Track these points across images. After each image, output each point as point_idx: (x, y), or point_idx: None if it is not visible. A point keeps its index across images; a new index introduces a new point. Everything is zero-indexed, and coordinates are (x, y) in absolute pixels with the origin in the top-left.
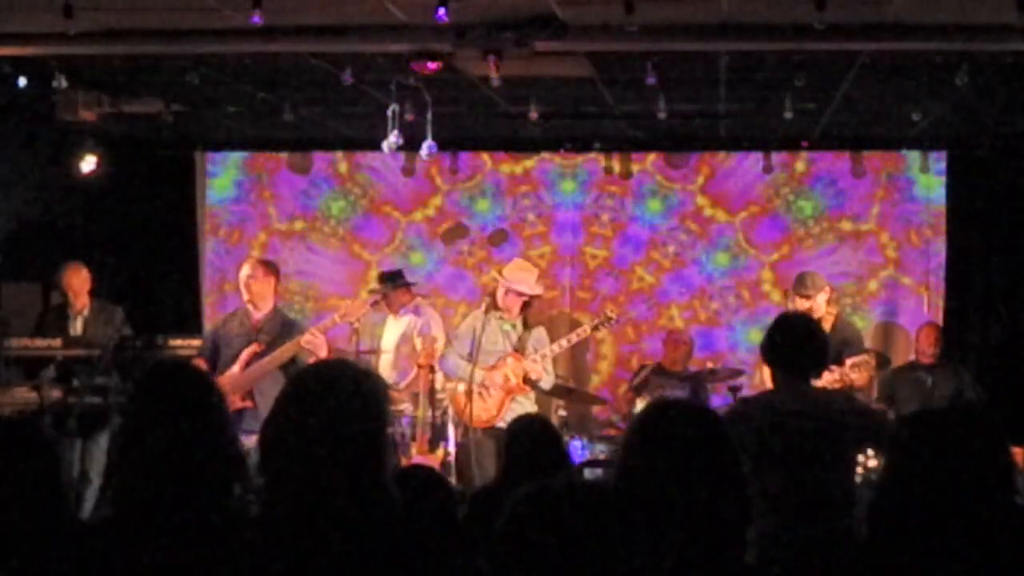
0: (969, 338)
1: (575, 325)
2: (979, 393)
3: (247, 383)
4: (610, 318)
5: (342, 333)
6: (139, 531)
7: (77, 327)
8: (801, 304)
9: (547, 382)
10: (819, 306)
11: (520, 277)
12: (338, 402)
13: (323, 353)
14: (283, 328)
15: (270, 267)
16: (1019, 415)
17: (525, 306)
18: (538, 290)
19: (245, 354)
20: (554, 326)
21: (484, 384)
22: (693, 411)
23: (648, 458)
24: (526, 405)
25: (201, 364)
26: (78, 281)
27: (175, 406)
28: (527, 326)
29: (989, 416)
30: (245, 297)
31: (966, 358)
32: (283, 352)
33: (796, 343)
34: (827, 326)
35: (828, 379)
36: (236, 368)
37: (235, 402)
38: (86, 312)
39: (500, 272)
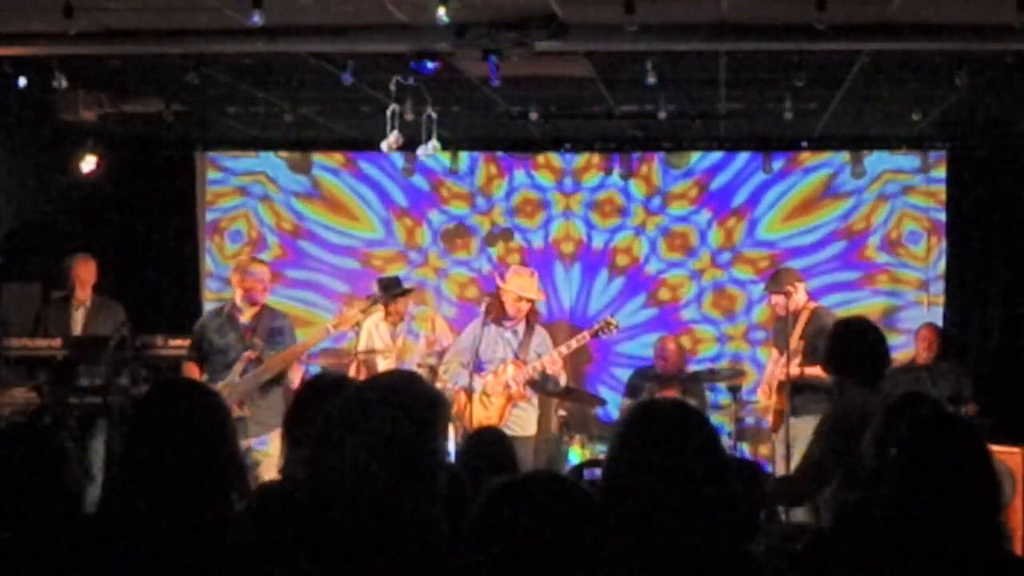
0: (969, 338)
1: (575, 329)
2: (970, 394)
3: (244, 391)
4: (610, 324)
5: (344, 334)
6: (133, 542)
7: (78, 320)
8: (777, 300)
9: (561, 380)
10: (794, 300)
11: (524, 284)
12: (402, 417)
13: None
14: (275, 330)
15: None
16: (1019, 415)
17: (529, 310)
18: (542, 296)
19: (240, 363)
20: (554, 330)
21: (486, 391)
22: (676, 410)
23: (634, 457)
24: (528, 411)
25: (193, 369)
26: (86, 272)
27: (180, 429)
28: (530, 327)
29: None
30: (240, 295)
31: (966, 358)
32: (279, 361)
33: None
34: (804, 319)
35: (817, 372)
36: (233, 377)
37: (233, 410)
38: (88, 305)
39: (503, 281)
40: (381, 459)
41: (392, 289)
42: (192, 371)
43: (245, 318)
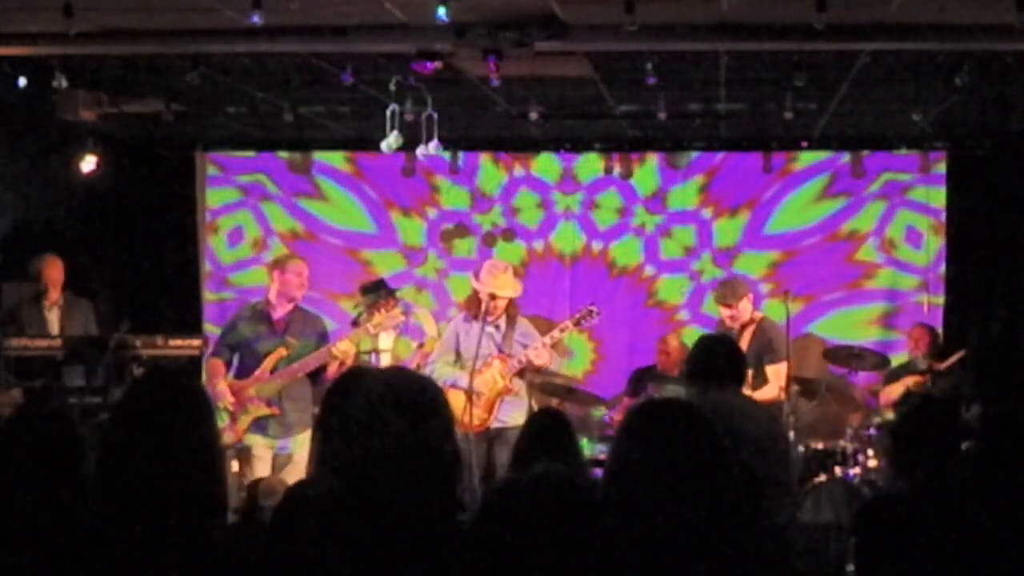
0: (969, 338)
1: (553, 323)
2: (973, 393)
3: (273, 389)
4: (592, 311)
5: (344, 333)
6: (113, 543)
7: (53, 321)
8: (724, 312)
9: (555, 364)
10: (741, 312)
11: (500, 282)
12: (415, 414)
13: (350, 361)
14: (308, 327)
15: None
16: (1018, 415)
17: (508, 303)
18: (519, 289)
19: (270, 359)
20: (533, 324)
21: (475, 390)
22: (678, 408)
23: (636, 457)
24: (517, 405)
25: (218, 366)
26: (57, 272)
27: (162, 419)
28: (511, 320)
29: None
30: (275, 291)
31: (965, 358)
32: (314, 359)
33: (717, 359)
34: (750, 332)
35: (766, 396)
36: (262, 373)
37: (260, 408)
38: (61, 304)
39: (477, 280)
40: (397, 455)
41: (379, 291)
42: (217, 368)
43: (278, 315)
